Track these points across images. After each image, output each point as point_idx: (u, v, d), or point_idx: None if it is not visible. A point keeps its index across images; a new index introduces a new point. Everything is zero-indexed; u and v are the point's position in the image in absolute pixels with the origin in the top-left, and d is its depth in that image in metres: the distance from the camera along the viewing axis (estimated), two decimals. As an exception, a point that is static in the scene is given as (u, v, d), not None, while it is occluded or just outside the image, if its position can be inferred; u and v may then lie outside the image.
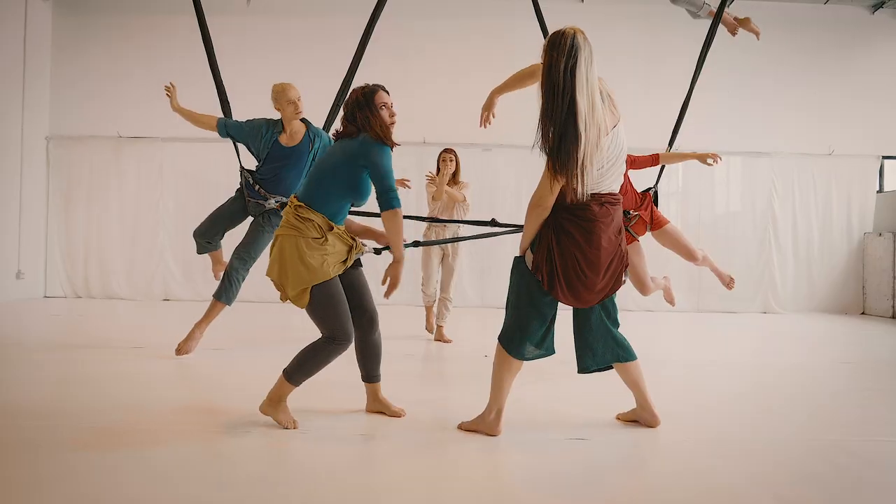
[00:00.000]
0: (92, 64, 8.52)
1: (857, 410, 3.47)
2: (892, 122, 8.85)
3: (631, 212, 4.54)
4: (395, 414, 3.12)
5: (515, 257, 2.86)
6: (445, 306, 5.53)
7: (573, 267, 2.69)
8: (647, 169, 4.69)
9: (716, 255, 5.46)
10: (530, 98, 2.68)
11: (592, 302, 2.81)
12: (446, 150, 5.60)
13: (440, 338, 5.50)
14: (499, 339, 2.84)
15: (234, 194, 4.66)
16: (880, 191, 8.91)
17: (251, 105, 5.41)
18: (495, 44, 8.35)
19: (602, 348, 2.91)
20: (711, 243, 7.72)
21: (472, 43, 8.54)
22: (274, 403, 2.87)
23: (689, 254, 4.65)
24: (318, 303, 2.83)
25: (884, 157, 8.86)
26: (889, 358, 5.18)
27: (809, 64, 8.80)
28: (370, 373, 3.15)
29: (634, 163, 4.50)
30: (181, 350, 4.41)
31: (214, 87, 4.61)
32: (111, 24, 8.55)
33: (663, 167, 4.95)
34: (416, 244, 3.83)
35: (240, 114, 4.85)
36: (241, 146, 4.68)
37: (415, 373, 4.13)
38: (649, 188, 4.79)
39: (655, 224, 4.62)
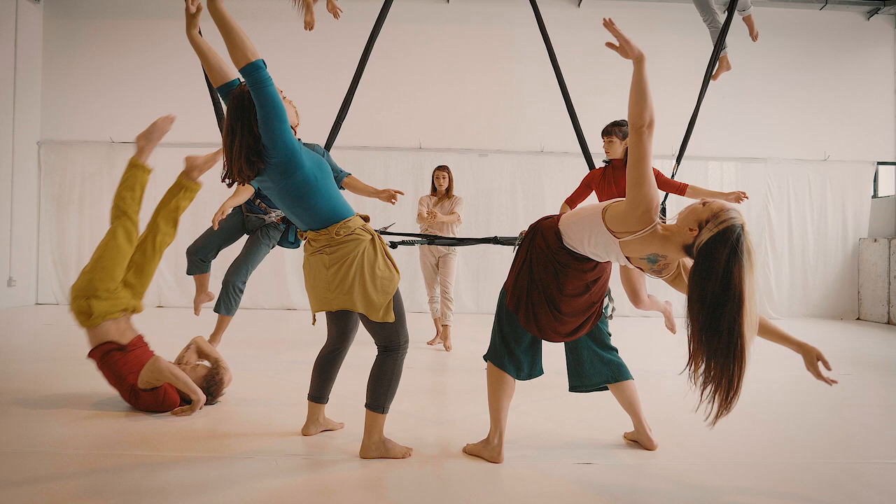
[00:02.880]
0: (84, 68, 8.43)
1: (864, 429, 3.45)
2: (887, 127, 8.90)
3: None
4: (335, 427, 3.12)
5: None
6: (447, 306, 5.55)
7: (539, 300, 2.68)
8: None
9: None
10: (525, 104, 2.68)
11: (555, 339, 2.78)
12: (440, 168, 5.69)
13: (445, 338, 5.49)
14: (485, 357, 2.89)
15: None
16: (875, 196, 8.95)
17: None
18: (492, 49, 8.31)
19: (589, 369, 2.93)
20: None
21: (468, 48, 8.50)
22: (377, 443, 2.72)
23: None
24: (400, 306, 2.70)
25: (878, 163, 8.90)
26: (888, 367, 5.18)
27: (805, 69, 8.83)
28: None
29: (663, 184, 4.21)
30: None
31: (207, 90, 4.55)
32: (103, 27, 8.47)
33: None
34: (392, 242, 3.76)
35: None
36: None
37: (416, 389, 4.09)
38: None
39: None
